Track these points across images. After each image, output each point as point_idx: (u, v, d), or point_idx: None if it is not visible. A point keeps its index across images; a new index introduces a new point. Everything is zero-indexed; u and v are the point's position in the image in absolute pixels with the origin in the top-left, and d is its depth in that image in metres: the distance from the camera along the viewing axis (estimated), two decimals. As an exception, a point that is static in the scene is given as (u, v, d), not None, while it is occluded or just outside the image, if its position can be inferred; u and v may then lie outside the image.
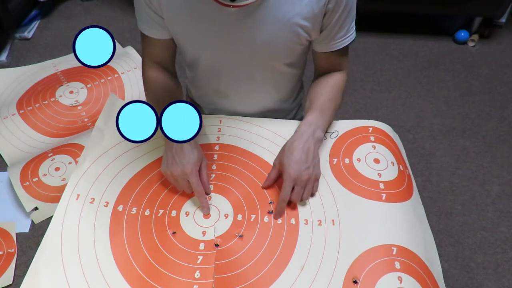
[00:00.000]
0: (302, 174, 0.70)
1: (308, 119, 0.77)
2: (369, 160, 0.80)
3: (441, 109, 1.72)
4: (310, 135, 0.74)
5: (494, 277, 1.16)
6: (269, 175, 0.76)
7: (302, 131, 0.75)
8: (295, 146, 0.72)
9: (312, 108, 0.79)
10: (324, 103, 0.80)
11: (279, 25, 0.72)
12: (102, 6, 2.24)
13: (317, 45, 0.81)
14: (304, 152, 0.72)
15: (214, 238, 0.69)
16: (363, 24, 0.87)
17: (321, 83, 0.85)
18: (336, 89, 0.83)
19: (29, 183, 1.13)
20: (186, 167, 0.71)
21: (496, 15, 2.08)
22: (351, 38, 0.80)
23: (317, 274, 0.65)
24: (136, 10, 0.78)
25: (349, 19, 0.76)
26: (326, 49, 0.80)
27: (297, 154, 0.71)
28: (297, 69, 0.89)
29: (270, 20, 0.71)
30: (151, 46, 0.82)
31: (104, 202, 0.73)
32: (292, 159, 0.71)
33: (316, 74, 0.89)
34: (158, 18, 0.76)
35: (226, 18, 0.71)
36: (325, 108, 0.79)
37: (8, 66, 1.75)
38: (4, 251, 1.03)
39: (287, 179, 0.70)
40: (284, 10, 0.71)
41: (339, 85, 0.84)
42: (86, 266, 0.65)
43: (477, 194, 1.39)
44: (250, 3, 0.67)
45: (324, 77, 0.86)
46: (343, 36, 0.78)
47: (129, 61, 1.63)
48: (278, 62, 0.82)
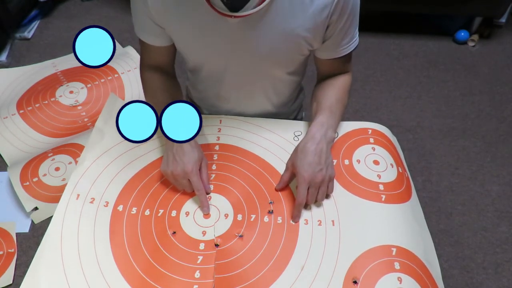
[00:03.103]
0: (316, 176, 0.70)
1: (319, 119, 0.76)
2: (368, 162, 0.81)
3: (441, 109, 1.72)
4: (323, 135, 0.74)
5: (494, 277, 1.16)
6: (282, 177, 0.76)
7: (314, 132, 0.74)
8: (308, 148, 0.72)
9: (322, 109, 0.79)
10: (333, 104, 0.80)
11: (281, 36, 0.71)
12: (102, 6, 2.24)
13: (322, 53, 0.80)
14: (317, 154, 0.71)
15: (214, 238, 0.69)
16: (363, 24, 0.87)
17: (328, 85, 0.84)
18: (342, 90, 0.83)
19: (29, 183, 1.13)
20: (187, 166, 0.71)
21: (496, 15, 2.07)
22: (355, 44, 0.79)
23: (317, 274, 0.65)
24: (134, 17, 0.77)
25: (353, 26, 0.75)
26: (331, 56, 0.80)
27: (310, 156, 0.71)
28: (298, 76, 0.89)
29: (272, 31, 0.71)
30: (150, 51, 0.82)
31: (104, 202, 0.73)
32: (305, 161, 0.70)
33: (319, 77, 0.89)
34: (157, 27, 0.75)
35: (228, 29, 0.70)
36: (334, 108, 0.79)
37: (8, 66, 1.74)
38: (4, 251, 1.03)
39: (301, 182, 0.70)
40: (286, 22, 0.69)
41: (345, 86, 0.84)
42: (86, 266, 0.65)
43: (477, 194, 1.39)
44: (251, 14, 0.66)
45: (330, 79, 0.85)
46: (347, 42, 0.77)
47: (129, 61, 1.63)
48: (279, 71, 0.82)
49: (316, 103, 0.82)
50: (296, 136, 0.85)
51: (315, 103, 0.83)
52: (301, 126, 0.87)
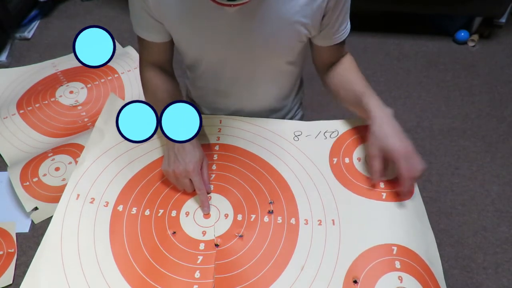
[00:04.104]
0: (407, 147, 0.71)
1: (372, 102, 0.76)
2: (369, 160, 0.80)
3: (441, 109, 1.72)
4: (387, 114, 0.75)
5: (494, 277, 1.16)
6: (374, 167, 0.75)
7: (378, 115, 0.74)
8: (385, 130, 0.73)
9: (361, 93, 0.78)
10: (364, 84, 0.81)
11: (280, 24, 0.72)
12: (102, 6, 2.24)
13: (321, 40, 0.81)
14: (396, 130, 0.73)
15: (214, 238, 0.69)
16: (363, 24, 0.88)
17: (342, 71, 0.85)
18: (357, 69, 0.85)
19: (29, 183, 1.13)
20: (189, 165, 0.71)
21: (496, 15, 2.08)
22: (349, 28, 0.82)
23: (317, 274, 0.65)
24: (132, 14, 0.78)
25: (348, 10, 0.78)
26: (330, 42, 0.82)
27: (393, 135, 0.72)
28: (297, 67, 0.89)
29: (271, 19, 0.71)
30: (148, 48, 0.82)
31: (104, 202, 0.73)
32: (392, 141, 0.71)
33: (322, 66, 0.89)
34: (155, 22, 0.76)
35: (226, 18, 0.71)
36: (370, 88, 0.80)
37: (8, 66, 1.75)
38: (4, 251, 1.03)
39: (400, 158, 0.70)
40: (284, 8, 0.70)
41: (356, 65, 0.86)
42: (86, 266, 0.65)
43: (477, 194, 1.39)
44: (250, 1, 0.66)
45: (338, 66, 0.86)
46: (344, 27, 0.80)
47: (129, 61, 1.63)
48: (279, 60, 0.82)
49: (344, 91, 0.83)
50: (296, 136, 0.85)
51: (342, 91, 0.83)
52: (301, 126, 0.87)
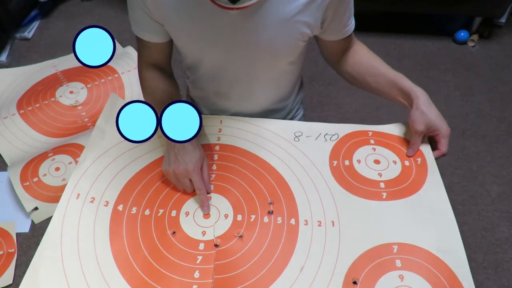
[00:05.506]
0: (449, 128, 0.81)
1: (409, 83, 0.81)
2: (369, 161, 0.81)
3: (441, 109, 1.72)
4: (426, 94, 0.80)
5: (494, 277, 1.16)
6: (414, 144, 0.82)
7: (421, 94, 0.79)
8: (432, 109, 0.79)
9: (394, 76, 0.83)
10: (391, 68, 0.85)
11: (282, 24, 0.72)
12: (102, 6, 2.24)
13: (331, 35, 0.82)
14: (436, 111, 0.80)
15: (214, 238, 0.69)
16: (363, 24, 0.88)
17: (363, 58, 0.87)
18: (376, 55, 0.88)
19: (29, 183, 1.13)
20: (189, 165, 0.71)
21: (496, 15, 2.08)
22: (353, 18, 0.83)
23: (316, 275, 0.65)
24: (131, 14, 0.77)
25: (352, 3, 0.79)
26: (341, 36, 0.82)
27: (438, 114, 0.80)
28: (297, 67, 0.90)
29: (273, 20, 0.71)
30: (147, 49, 0.82)
31: (104, 202, 0.73)
32: (440, 120, 0.80)
33: (333, 59, 0.90)
34: (155, 23, 0.75)
35: (228, 20, 0.71)
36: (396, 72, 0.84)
37: (8, 66, 1.75)
38: (4, 251, 1.03)
39: (446, 137, 0.81)
40: (286, 9, 0.70)
41: (371, 51, 0.89)
42: (86, 266, 0.65)
43: (477, 194, 1.39)
44: (252, 4, 0.66)
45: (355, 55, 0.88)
46: (352, 20, 0.82)
47: (129, 61, 1.63)
48: (280, 61, 0.82)
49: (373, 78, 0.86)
50: (297, 137, 0.85)
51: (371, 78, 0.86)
52: (301, 126, 0.87)
